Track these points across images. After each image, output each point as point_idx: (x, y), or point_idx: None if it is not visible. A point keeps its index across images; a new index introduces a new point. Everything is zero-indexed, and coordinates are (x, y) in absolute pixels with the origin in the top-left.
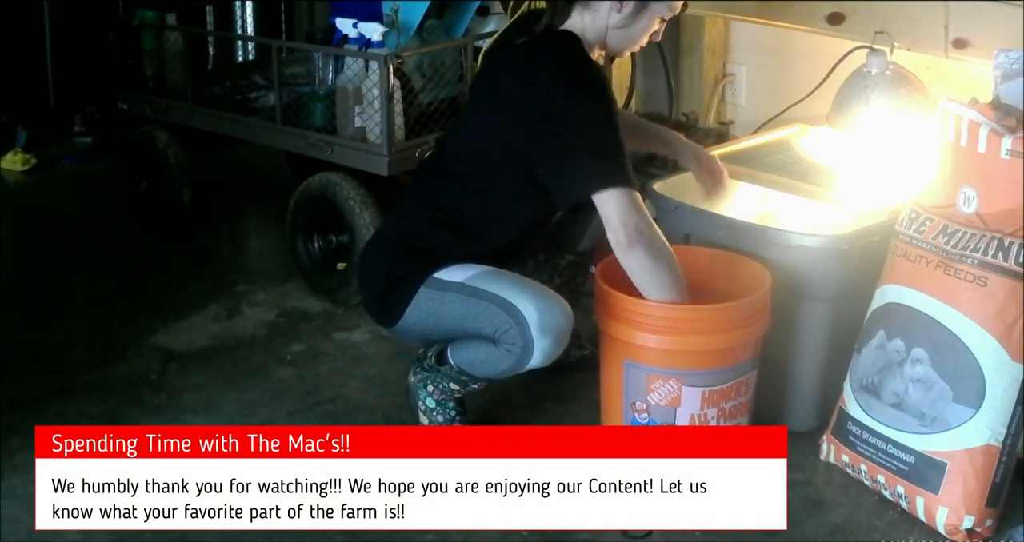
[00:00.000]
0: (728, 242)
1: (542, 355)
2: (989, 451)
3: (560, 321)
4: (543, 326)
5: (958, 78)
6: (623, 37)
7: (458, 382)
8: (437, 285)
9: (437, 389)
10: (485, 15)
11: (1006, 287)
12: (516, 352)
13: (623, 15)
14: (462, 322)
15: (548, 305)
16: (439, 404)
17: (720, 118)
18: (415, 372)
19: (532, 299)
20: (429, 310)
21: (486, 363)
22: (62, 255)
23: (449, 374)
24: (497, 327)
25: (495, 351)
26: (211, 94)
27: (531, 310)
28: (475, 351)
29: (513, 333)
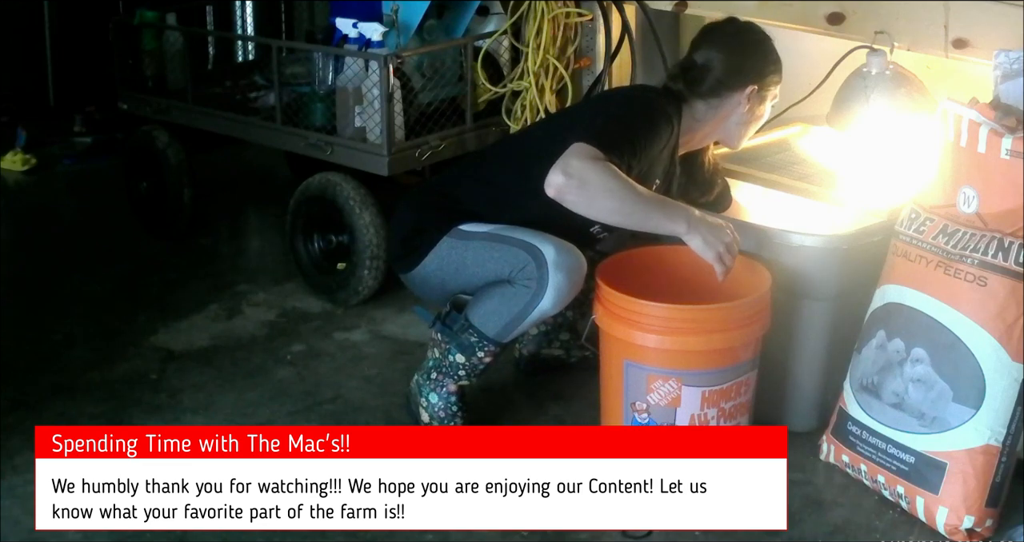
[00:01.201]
0: None
1: (555, 293)
2: (989, 451)
3: (575, 262)
4: (559, 263)
5: (958, 78)
6: (744, 130)
7: (465, 349)
8: (461, 235)
9: (441, 374)
10: (485, 15)
11: (1006, 287)
12: (532, 287)
13: (750, 109)
14: (483, 265)
15: (566, 248)
16: (441, 399)
17: None
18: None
19: (552, 241)
20: (451, 258)
21: (499, 310)
22: (62, 255)
23: (459, 337)
24: (515, 265)
25: (510, 290)
26: (211, 94)
27: (550, 249)
28: (488, 300)
29: (530, 269)
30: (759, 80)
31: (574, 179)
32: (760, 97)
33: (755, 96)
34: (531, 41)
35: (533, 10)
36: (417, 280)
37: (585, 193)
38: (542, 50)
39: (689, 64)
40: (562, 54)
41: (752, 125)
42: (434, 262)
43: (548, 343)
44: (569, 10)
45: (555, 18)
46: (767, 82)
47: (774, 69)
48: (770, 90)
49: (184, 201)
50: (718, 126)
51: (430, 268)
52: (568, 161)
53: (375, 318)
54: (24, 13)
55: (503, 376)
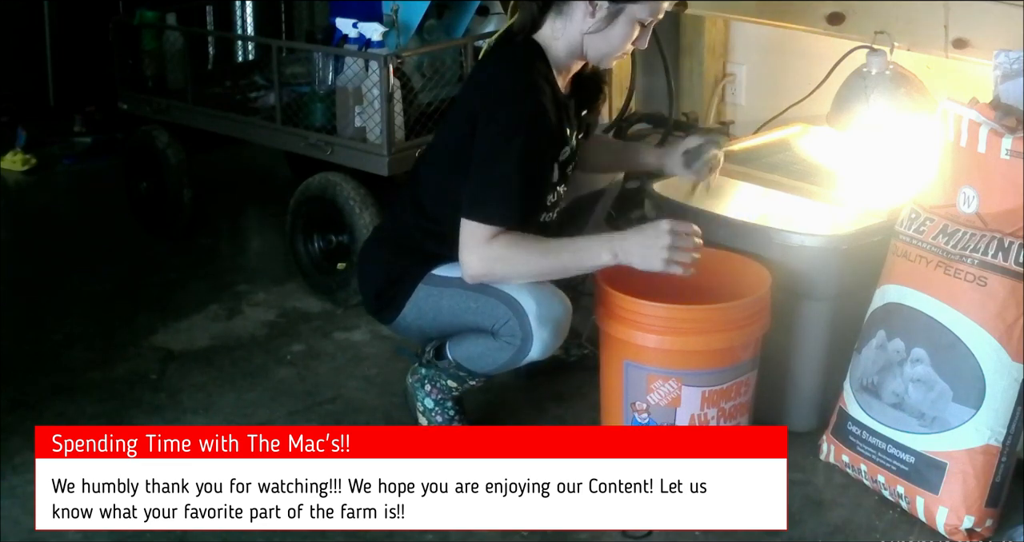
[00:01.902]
0: (728, 242)
1: (541, 346)
2: (989, 451)
3: (559, 312)
4: (542, 317)
5: (958, 78)
6: (601, 44)
7: (456, 379)
8: (436, 282)
9: (435, 388)
10: (485, 15)
11: (1006, 287)
12: (516, 344)
13: (597, 19)
14: (461, 316)
15: (546, 297)
16: (437, 404)
17: (720, 118)
18: (413, 373)
19: (530, 291)
20: (428, 306)
21: (484, 357)
22: (62, 255)
23: (447, 370)
24: (496, 320)
25: (494, 344)
26: (211, 94)
27: (530, 302)
28: (474, 345)
29: (512, 324)
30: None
31: (485, 274)
32: (615, 8)
33: (602, 10)
34: None
35: None
36: (400, 328)
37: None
38: None
39: None
40: None
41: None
42: (412, 311)
43: None
44: None
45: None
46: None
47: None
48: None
49: (184, 201)
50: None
51: (409, 318)
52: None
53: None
54: (24, 13)
55: (503, 376)
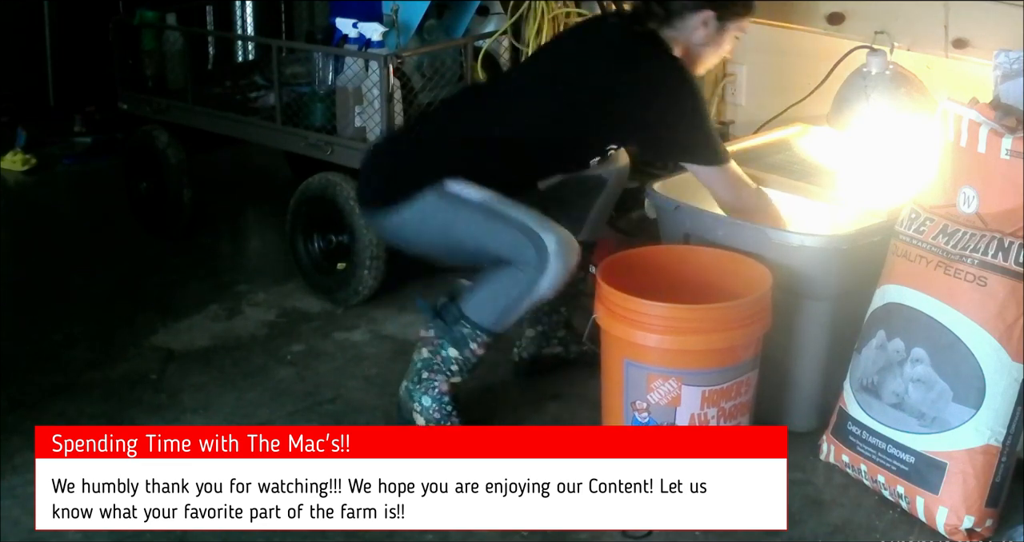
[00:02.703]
0: (728, 242)
1: (553, 278)
2: (989, 451)
3: (573, 249)
4: (559, 252)
5: (958, 78)
6: (709, 53)
7: (458, 343)
8: (450, 197)
9: (432, 372)
10: (485, 15)
11: (1006, 287)
12: (530, 273)
13: (708, 32)
14: (475, 237)
15: (565, 235)
16: (435, 400)
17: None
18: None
19: (551, 227)
20: (436, 219)
21: (495, 297)
22: (62, 255)
23: (452, 330)
24: (514, 247)
25: (505, 276)
26: (211, 94)
27: (550, 236)
28: (482, 290)
29: (530, 254)
30: (718, 7)
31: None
32: (719, 26)
33: (712, 23)
34: (531, 41)
35: (533, 10)
36: (388, 225)
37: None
38: None
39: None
40: None
41: (711, 51)
42: (414, 213)
43: (547, 342)
44: (569, 10)
45: (555, 18)
46: (728, 12)
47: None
48: (731, 21)
49: (184, 201)
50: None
51: (410, 221)
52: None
53: (375, 318)
54: (24, 13)
55: (503, 376)
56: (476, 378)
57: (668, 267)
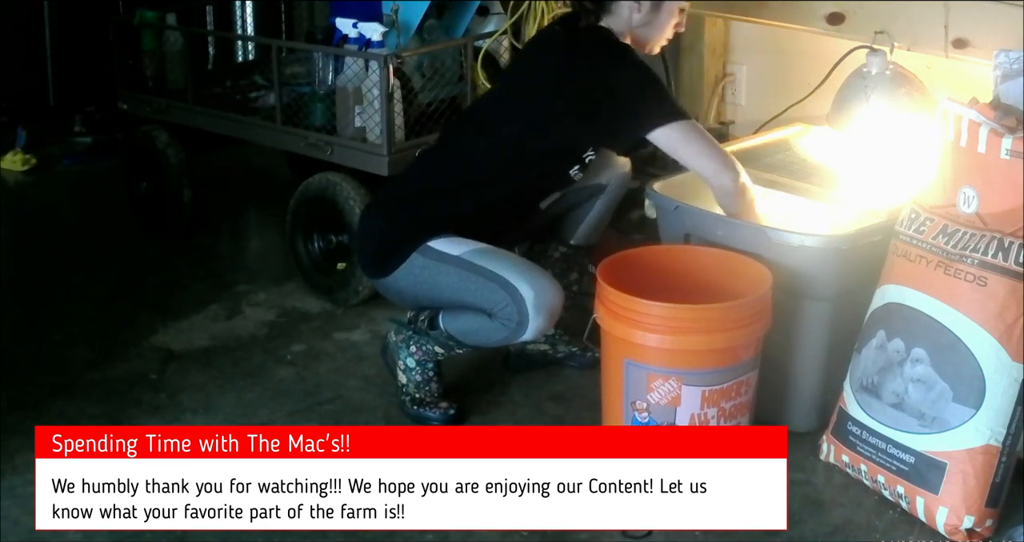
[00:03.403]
0: (728, 242)
1: (534, 331)
2: (989, 451)
3: (554, 301)
4: (538, 305)
5: (958, 78)
6: (650, 32)
7: (444, 346)
8: (433, 255)
9: (420, 350)
10: (485, 15)
11: (1006, 287)
12: (511, 327)
13: (643, 14)
14: (459, 294)
15: (543, 286)
16: (419, 364)
17: (720, 118)
18: (398, 331)
19: (528, 279)
20: (424, 277)
21: (479, 332)
22: (62, 255)
23: (438, 339)
24: (495, 303)
25: (490, 324)
26: (211, 94)
27: (528, 290)
28: (469, 321)
29: (510, 310)
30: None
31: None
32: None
33: (645, 2)
34: None
35: (533, 10)
36: (388, 288)
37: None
38: None
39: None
40: None
41: (656, 28)
42: (406, 277)
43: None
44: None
45: (555, 18)
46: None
47: None
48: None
49: (184, 201)
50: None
51: (402, 282)
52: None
53: (375, 318)
54: (24, 13)
55: (503, 376)
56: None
57: (668, 267)
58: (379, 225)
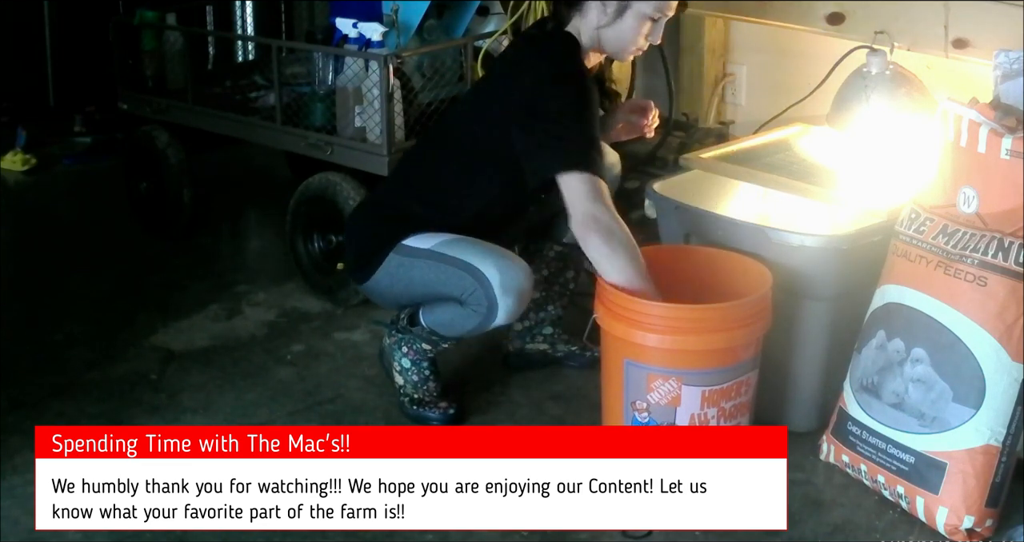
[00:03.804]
0: (728, 242)
1: (505, 313)
2: (989, 451)
3: (520, 281)
4: (505, 287)
5: (958, 78)
6: (614, 38)
7: (429, 342)
8: (406, 252)
9: (412, 350)
10: (485, 15)
11: (1006, 287)
12: (482, 312)
13: (609, 15)
14: (432, 286)
15: (508, 267)
16: (413, 364)
17: (720, 118)
18: (390, 335)
19: (494, 261)
20: (400, 275)
21: (455, 322)
22: (62, 255)
23: (421, 335)
24: (463, 290)
25: (463, 311)
26: (211, 94)
27: (493, 272)
28: (445, 313)
29: (479, 294)
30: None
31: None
32: (620, 6)
33: (611, 3)
34: None
35: (533, 10)
36: (374, 292)
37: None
38: None
39: None
40: None
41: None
42: (385, 278)
43: (532, 338)
44: None
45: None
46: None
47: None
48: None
49: (184, 201)
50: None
51: (382, 283)
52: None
53: (375, 318)
54: (24, 13)
55: (503, 376)
56: (475, 378)
57: (668, 267)
58: (359, 230)
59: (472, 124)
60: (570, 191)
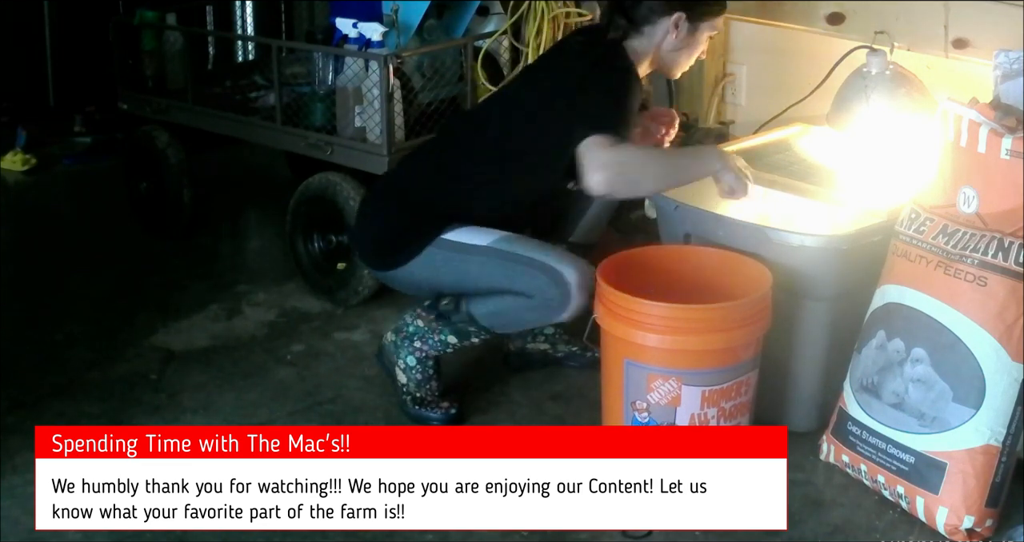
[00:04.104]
0: (728, 242)
1: (573, 310)
2: (989, 451)
3: (591, 276)
4: (581, 285)
5: (958, 78)
6: (676, 56)
7: (460, 334)
8: (454, 247)
9: (425, 345)
10: (485, 15)
11: (1006, 287)
12: (553, 306)
13: (678, 38)
14: (493, 281)
15: (583, 267)
16: (419, 362)
17: (720, 118)
18: (398, 331)
19: (569, 261)
20: (448, 268)
21: (508, 315)
22: (62, 255)
23: (456, 324)
24: (535, 288)
25: (527, 303)
26: (211, 94)
27: (571, 272)
28: (499, 304)
29: (552, 292)
30: (688, 8)
31: (613, 171)
32: (692, 26)
33: (684, 23)
34: (531, 41)
35: (533, 10)
36: (395, 279)
37: (629, 178)
38: (542, 50)
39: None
40: None
41: (685, 53)
42: (422, 268)
43: (532, 338)
44: (569, 10)
45: (555, 18)
46: (698, 11)
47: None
48: (703, 21)
49: (184, 201)
50: (655, 56)
51: (416, 274)
52: (597, 158)
53: (375, 318)
54: (24, 13)
55: (503, 376)
56: (476, 378)
57: (668, 267)
58: (384, 219)
59: (510, 119)
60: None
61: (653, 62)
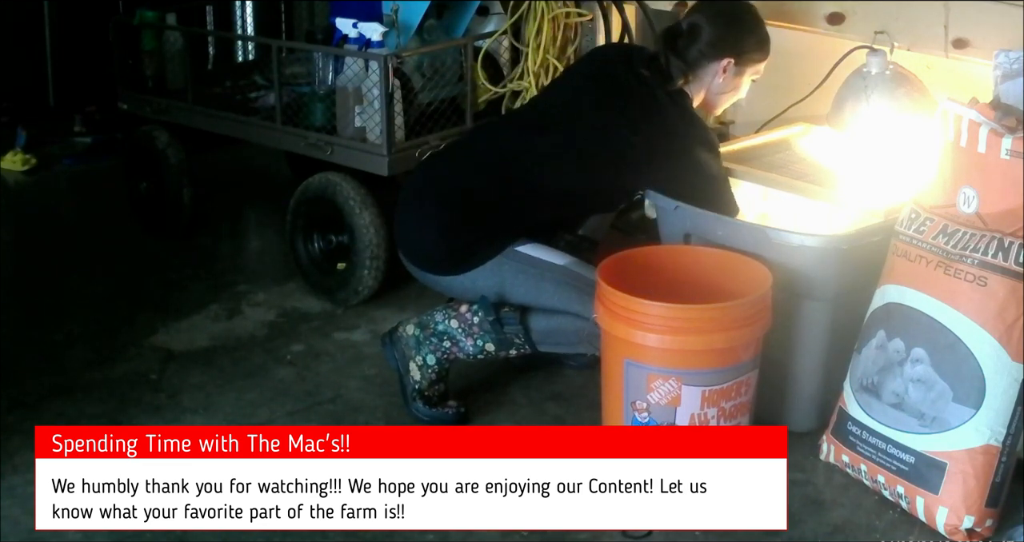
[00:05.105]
0: (728, 242)
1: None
2: (989, 451)
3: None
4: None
5: (958, 78)
6: (721, 96)
7: (502, 344)
8: (527, 260)
9: (456, 346)
10: (485, 15)
11: (1006, 287)
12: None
13: (725, 81)
14: (568, 303)
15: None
16: (438, 362)
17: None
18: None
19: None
20: (519, 281)
21: (562, 335)
22: (62, 255)
23: (505, 334)
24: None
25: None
26: (211, 94)
27: None
28: (561, 322)
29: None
30: (737, 54)
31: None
32: (737, 71)
33: (731, 69)
34: (531, 41)
35: (533, 10)
36: (450, 283)
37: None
38: (542, 50)
39: (677, 31)
40: (562, 54)
41: (730, 96)
42: (488, 277)
43: None
44: (569, 10)
45: (555, 18)
46: (746, 58)
47: (756, 47)
48: (749, 66)
49: (184, 201)
50: (702, 97)
51: (480, 280)
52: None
53: (375, 318)
54: (24, 13)
55: (503, 376)
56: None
57: (668, 267)
58: (447, 223)
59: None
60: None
61: (699, 102)
